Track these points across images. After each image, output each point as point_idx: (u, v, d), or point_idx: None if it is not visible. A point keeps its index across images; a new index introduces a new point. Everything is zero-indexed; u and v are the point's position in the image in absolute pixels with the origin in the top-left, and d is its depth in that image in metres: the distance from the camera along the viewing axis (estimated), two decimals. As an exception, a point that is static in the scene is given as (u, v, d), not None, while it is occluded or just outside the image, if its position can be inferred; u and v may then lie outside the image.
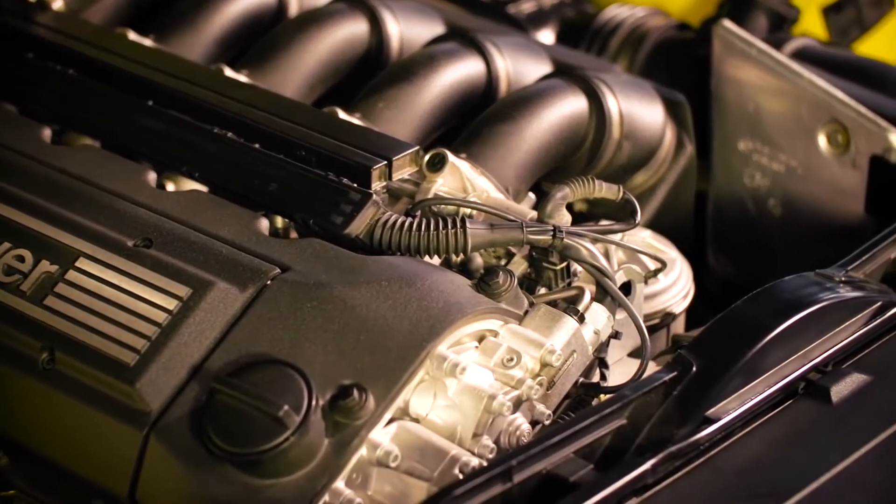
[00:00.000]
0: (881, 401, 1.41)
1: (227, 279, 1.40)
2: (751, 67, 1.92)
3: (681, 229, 1.92)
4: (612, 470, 1.28)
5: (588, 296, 1.46)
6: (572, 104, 1.76)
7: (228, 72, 1.76)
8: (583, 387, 1.47)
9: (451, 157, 1.56)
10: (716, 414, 1.34)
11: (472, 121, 1.73)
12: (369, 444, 1.29)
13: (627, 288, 1.56)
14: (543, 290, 1.49)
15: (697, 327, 1.63)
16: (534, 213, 1.52)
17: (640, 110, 1.82)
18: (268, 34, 1.87)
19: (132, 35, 1.82)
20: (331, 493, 1.28)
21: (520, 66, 1.85)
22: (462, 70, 1.80)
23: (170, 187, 1.60)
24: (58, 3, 1.86)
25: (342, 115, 1.68)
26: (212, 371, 1.33)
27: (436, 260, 1.49)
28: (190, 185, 1.58)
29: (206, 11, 1.90)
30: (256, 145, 1.57)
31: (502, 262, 1.51)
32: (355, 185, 1.50)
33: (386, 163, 1.52)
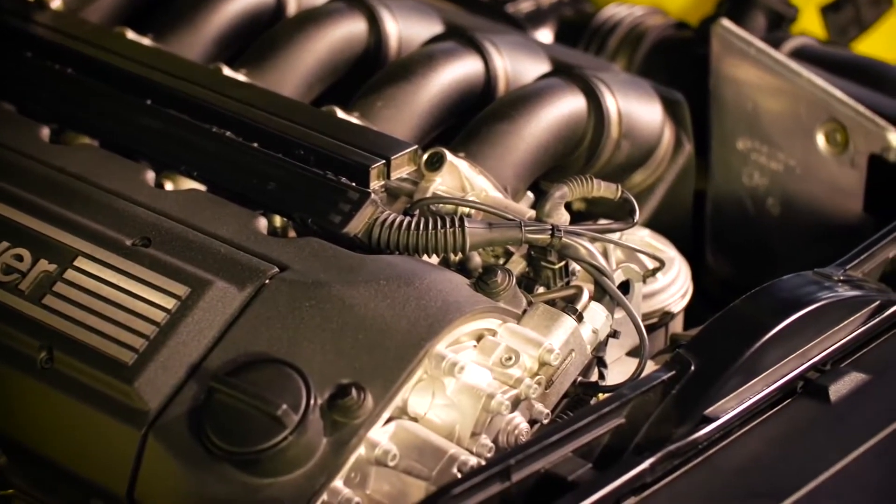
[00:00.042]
0: (879, 400, 1.41)
1: (226, 278, 1.40)
2: (749, 66, 1.91)
3: (679, 228, 1.92)
4: (611, 469, 1.28)
5: (586, 295, 1.46)
6: (571, 103, 1.75)
7: (227, 71, 1.76)
8: (581, 386, 1.47)
9: (449, 156, 1.56)
10: (714, 413, 1.34)
11: (471, 120, 1.73)
12: (368, 443, 1.29)
13: (626, 287, 1.56)
14: (542, 289, 1.49)
15: (696, 326, 1.63)
16: (532, 213, 1.51)
17: (638, 109, 1.82)
18: (266, 33, 1.87)
19: (130, 34, 1.82)
20: (329, 492, 1.28)
21: (518, 66, 1.85)
22: (460, 69, 1.80)
23: (168, 186, 1.60)
24: (56, 3, 1.86)
25: (340, 114, 1.68)
26: (210, 370, 1.33)
27: (434, 259, 1.49)
28: (188, 184, 1.58)
29: (204, 10, 1.90)
30: (255, 144, 1.57)
31: (501, 261, 1.51)
32: (354, 184, 1.50)
33: (384, 162, 1.52)
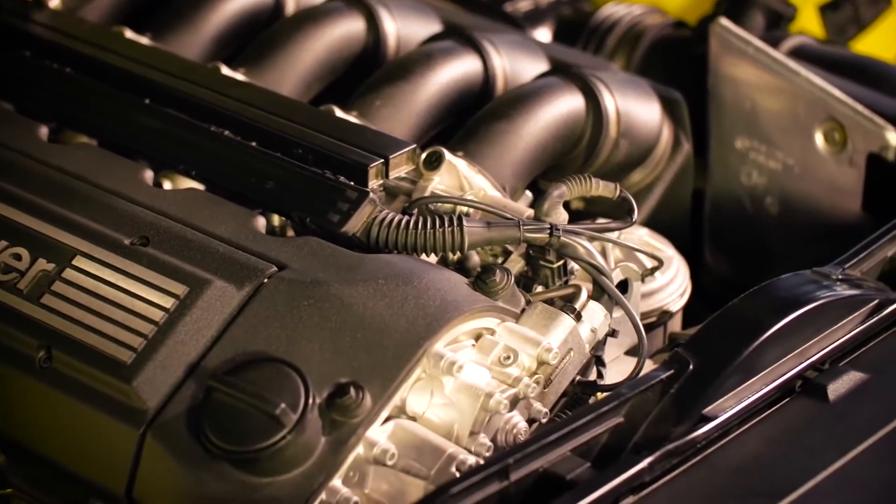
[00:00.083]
0: (878, 399, 1.41)
1: (224, 277, 1.39)
2: (748, 65, 1.91)
3: (678, 227, 1.92)
4: (609, 468, 1.28)
5: (585, 294, 1.46)
6: (569, 102, 1.75)
7: (225, 70, 1.76)
8: (580, 385, 1.47)
9: (447, 155, 1.56)
10: (712, 412, 1.34)
11: (469, 119, 1.73)
12: (366, 442, 1.29)
13: (624, 286, 1.56)
14: (540, 288, 1.49)
15: (694, 325, 1.63)
16: (531, 212, 1.51)
17: (636, 108, 1.82)
18: (265, 32, 1.87)
19: (129, 33, 1.82)
20: (328, 491, 1.28)
21: (517, 65, 1.85)
22: (459, 68, 1.80)
23: (167, 185, 1.60)
24: (54, 2, 1.86)
25: (339, 113, 1.68)
26: (209, 369, 1.33)
27: (433, 258, 1.48)
28: (187, 183, 1.58)
29: (203, 9, 1.89)
30: (253, 143, 1.57)
31: (499, 260, 1.51)
32: (352, 184, 1.50)
33: (383, 161, 1.52)
